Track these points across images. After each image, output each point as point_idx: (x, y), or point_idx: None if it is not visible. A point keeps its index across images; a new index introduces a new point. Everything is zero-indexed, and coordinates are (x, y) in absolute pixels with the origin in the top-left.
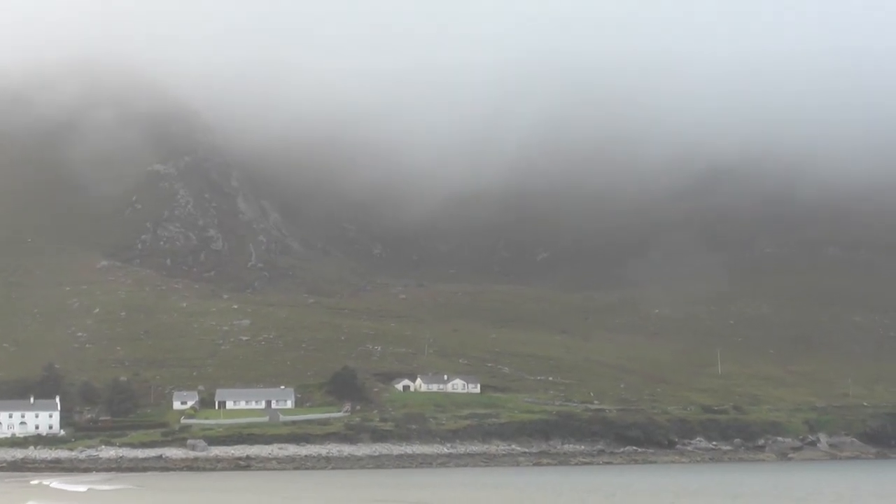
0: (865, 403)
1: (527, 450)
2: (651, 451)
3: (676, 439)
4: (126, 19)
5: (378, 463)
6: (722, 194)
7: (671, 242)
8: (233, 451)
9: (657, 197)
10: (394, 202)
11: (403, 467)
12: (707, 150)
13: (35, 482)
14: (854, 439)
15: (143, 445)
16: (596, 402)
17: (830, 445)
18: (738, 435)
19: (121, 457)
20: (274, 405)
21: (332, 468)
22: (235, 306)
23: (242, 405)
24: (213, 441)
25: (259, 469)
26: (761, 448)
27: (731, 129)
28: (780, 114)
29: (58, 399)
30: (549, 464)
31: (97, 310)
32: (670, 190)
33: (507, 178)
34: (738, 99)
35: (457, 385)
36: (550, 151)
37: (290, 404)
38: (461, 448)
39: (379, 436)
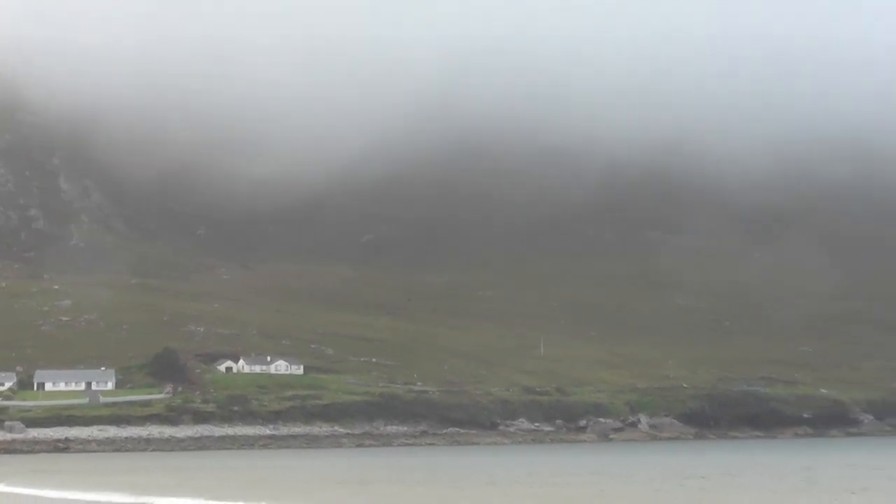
0: (685, 385)
1: (350, 431)
2: (474, 432)
3: (499, 420)
4: None
5: (200, 444)
6: (547, 177)
7: (494, 227)
8: (51, 433)
9: (484, 182)
10: (220, 182)
11: (225, 448)
12: (533, 132)
13: None
14: (674, 420)
15: None
16: (419, 383)
17: (651, 426)
18: (560, 416)
19: None
20: (94, 386)
21: (153, 450)
22: (57, 287)
23: (62, 386)
24: (32, 423)
25: (78, 451)
26: (583, 429)
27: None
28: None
29: None
30: (371, 445)
31: None
32: (497, 173)
33: (334, 162)
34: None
35: (280, 366)
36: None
37: (110, 386)
38: (284, 429)
39: (201, 417)
